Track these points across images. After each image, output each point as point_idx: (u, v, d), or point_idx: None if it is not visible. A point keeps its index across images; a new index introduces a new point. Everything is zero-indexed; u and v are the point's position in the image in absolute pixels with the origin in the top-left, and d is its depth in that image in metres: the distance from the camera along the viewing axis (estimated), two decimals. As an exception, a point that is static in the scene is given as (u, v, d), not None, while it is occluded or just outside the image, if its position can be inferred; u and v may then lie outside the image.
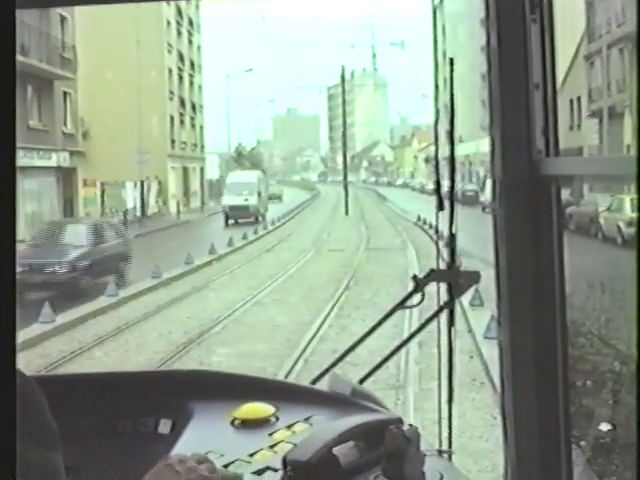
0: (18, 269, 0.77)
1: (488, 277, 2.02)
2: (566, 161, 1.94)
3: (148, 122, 54.81)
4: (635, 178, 1.10)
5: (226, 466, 1.73)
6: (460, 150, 60.01)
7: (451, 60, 2.14)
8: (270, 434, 1.93)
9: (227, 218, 45.75)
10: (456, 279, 2.19)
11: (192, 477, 1.47)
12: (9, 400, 0.76)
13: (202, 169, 68.17)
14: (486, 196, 37.51)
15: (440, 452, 1.90)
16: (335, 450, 1.72)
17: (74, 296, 18.29)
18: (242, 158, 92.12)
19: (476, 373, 10.96)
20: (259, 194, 48.17)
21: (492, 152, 1.82)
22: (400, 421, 1.83)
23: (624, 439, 5.71)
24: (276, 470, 1.71)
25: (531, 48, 1.71)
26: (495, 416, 8.83)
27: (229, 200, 47.06)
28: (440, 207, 2.18)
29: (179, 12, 64.70)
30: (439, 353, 2.22)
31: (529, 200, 1.76)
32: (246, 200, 46.44)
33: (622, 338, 8.02)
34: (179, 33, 64.72)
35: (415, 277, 2.26)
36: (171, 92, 61.69)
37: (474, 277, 2.20)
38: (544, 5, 1.72)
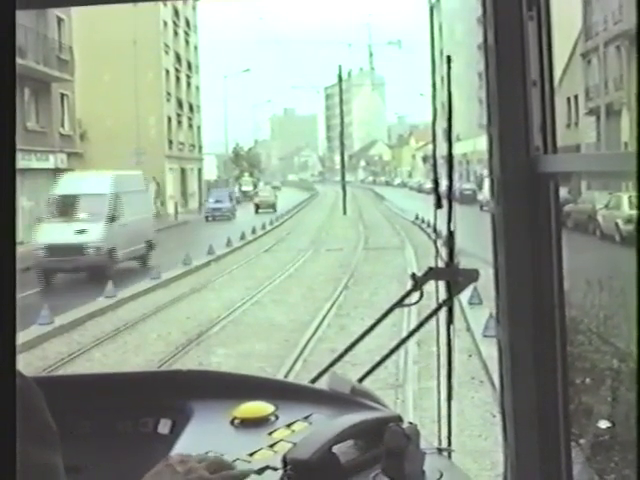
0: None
1: (487, 275, 2.02)
2: (564, 158, 1.94)
3: (145, 123, 54.83)
4: (635, 174, 1.10)
5: (226, 466, 1.72)
6: (458, 148, 59.99)
7: (448, 58, 2.14)
8: (270, 433, 1.92)
9: (46, 273, 22.35)
10: (455, 277, 2.19)
11: (192, 477, 1.47)
12: (9, 401, 0.76)
13: (200, 170, 68.18)
14: (484, 194, 37.54)
15: (440, 450, 1.90)
16: (335, 448, 1.71)
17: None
18: (239, 158, 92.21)
19: (475, 371, 10.97)
20: (112, 219, 24.41)
21: (490, 150, 1.82)
22: (399, 419, 1.83)
23: (623, 437, 5.71)
24: (276, 469, 1.71)
25: (528, 45, 1.71)
26: (494, 414, 8.83)
27: (48, 234, 23.31)
28: (438, 205, 2.18)
29: (176, 13, 64.68)
30: (438, 351, 2.21)
31: (527, 197, 1.76)
32: (81, 232, 23.34)
33: (621, 335, 8.03)
34: (176, 34, 64.71)
35: (414, 275, 2.26)
36: (168, 93, 61.67)
37: (473, 275, 2.20)
38: (541, 2, 1.72)
